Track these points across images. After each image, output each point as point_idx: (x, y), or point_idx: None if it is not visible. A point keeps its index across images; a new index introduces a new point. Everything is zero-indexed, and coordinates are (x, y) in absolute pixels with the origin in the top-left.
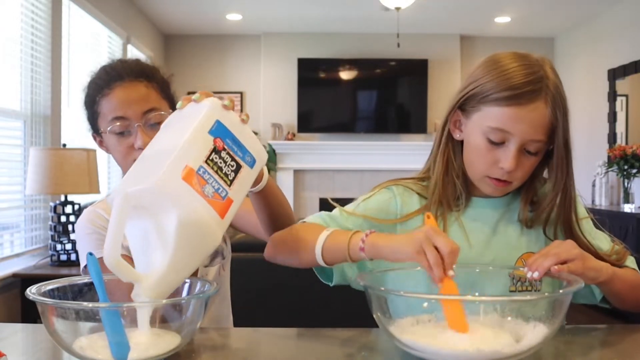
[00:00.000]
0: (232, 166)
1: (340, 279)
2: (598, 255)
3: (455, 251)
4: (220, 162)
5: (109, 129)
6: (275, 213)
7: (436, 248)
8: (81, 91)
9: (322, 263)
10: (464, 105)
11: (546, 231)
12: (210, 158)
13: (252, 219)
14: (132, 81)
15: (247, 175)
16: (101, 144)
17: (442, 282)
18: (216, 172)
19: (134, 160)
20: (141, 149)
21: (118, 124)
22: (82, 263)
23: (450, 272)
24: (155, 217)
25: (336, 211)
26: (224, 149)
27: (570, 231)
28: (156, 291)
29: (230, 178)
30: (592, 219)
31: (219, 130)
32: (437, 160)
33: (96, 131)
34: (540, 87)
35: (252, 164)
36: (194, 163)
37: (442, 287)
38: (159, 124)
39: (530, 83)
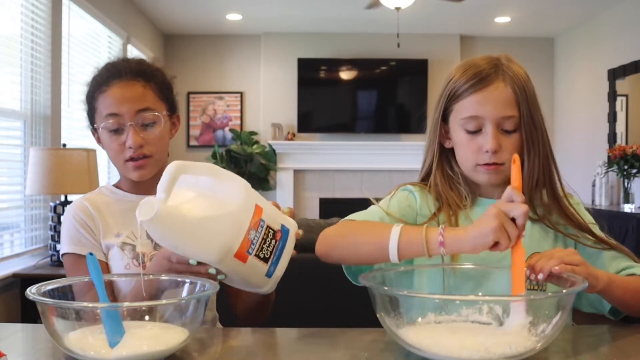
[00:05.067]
0: (273, 254)
1: None
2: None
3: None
4: (266, 243)
5: (102, 125)
6: (260, 311)
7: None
8: (84, 87)
9: (395, 259)
10: (444, 113)
11: (545, 219)
12: (266, 234)
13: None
14: (129, 80)
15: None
16: (99, 140)
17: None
18: (262, 241)
19: (125, 159)
20: (132, 147)
21: (111, 120)
22: (62, 251)
23: (523, 233)
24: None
25: (379, 211)
26: (274, 238)
27: (563, 213)
28: (165, 218)
29: (268, 260)
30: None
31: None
32: (434, 173)
33: (94, 127)
34: (495, 71)
35: (271, 273)
36: (263, 214)
37: (514, 251)
38: (153, 124)
39: (485, 70)
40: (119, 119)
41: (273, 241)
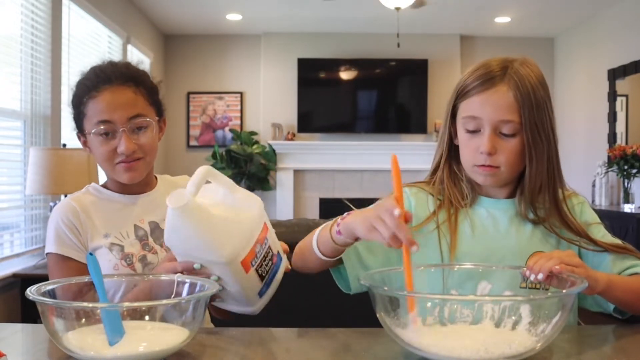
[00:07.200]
0: (268, 275)
1: (357, 285)
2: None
3: (403, 222)
4: (265, 261)
5: (93, 131)
6: None
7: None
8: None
9: (322, 257)
10: (453, 110)
11: (545, 223)
12: (267, 253)
13: None
14: (120, 85)
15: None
16: (85, 144)
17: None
18: (263, 258)
19: (116, 163)
20: (124, 154)
21: (103, 127)
22: (47, 249)
23: (414, 248)
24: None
25: None
26: (271, 260)
27: (562, 220)
28: (194, 210)
29: (264, 278)
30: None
31: (267, 239)
32: (442, 168)
33: (81, 131)
34: (502, 74)
35: (263, 293)
36: (268, 234)
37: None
38: (145, 128)
39: (493, 72)
40: (110, 125)
41: (270, 262)
